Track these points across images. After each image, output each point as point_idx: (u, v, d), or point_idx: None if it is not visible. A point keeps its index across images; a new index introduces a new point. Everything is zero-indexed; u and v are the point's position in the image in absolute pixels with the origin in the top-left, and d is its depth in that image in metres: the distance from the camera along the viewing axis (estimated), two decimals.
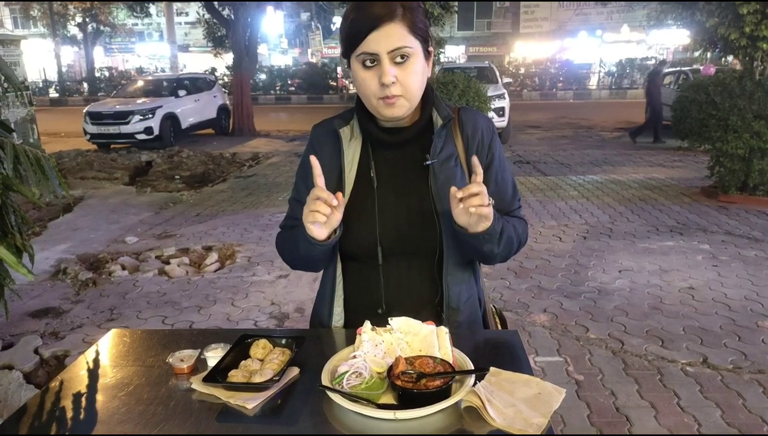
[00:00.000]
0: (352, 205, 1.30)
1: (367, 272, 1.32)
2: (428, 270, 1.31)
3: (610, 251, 4.94)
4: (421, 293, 1.33)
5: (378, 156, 1.32)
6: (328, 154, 1.34)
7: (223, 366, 1.15)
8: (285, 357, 1.19)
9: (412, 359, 1.10)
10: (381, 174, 1.31)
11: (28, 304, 4.03)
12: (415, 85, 1.23)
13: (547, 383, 1.07)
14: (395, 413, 0.98)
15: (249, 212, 6.55)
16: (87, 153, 10.93)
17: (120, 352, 1.31)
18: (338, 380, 1.08)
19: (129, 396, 1.10)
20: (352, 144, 1.34)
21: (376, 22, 1.16)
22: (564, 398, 1.02)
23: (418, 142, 1.31)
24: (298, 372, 1.15)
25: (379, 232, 1.28)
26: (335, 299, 1.36)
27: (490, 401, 1.00)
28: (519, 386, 1.07)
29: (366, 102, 1.26)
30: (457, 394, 1.02)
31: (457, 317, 1.33)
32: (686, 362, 3.13)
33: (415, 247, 1.29)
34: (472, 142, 1.33)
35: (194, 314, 3.85)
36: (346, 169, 1.32)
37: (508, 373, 1.11)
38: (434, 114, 1.32)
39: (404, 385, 1.03)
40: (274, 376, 1.10)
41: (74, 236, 5.70)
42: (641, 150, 10.49)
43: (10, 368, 3.13)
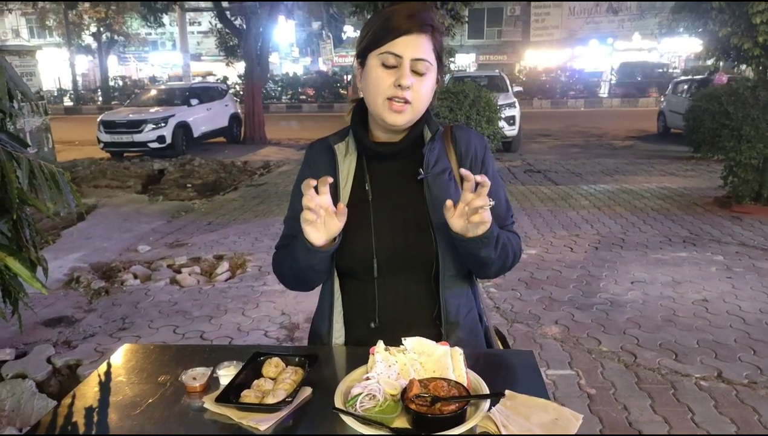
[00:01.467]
0: (348, 218, 1.30)
1: (363, 286, 1.32)
2: (425, 283, 1.31)
3: (622, 261, 4.90)
4: (418, 306, 1.32)
5: (373, 170, 1.34)
6: (323, 170, 1.35)
7: (236, 385, 1.15)
8: (297, 377, 1.19)
9: (427, 382, 1.10)
10: (376, 187, 1.32)
11: (42, 313, 4.06)
12: (425, 99, 1.26)
13: (565, 408, 1.06)
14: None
15: (260, 221, 6.58)
16: (100, 161, 11.04)
17: (132, 368, 1.32)
18: (351, 402, 1.07)
19: (142, 415, 1.10)
20: (347, 159, 1.35)
21: (410, 29, 1.21)
22: (581, 423, 1.01)
23: (411, 156, 1.32)
24: (311, 392, 1.15)
25: (375, 245, 1.29)
26: (334, 316, 1.36)
27: (505, 427, 0.99)
28: (535, 410, 1.06)
29: (371, 102, 1.27)
30: (473, 419, 1.01)
31: (456, 331, 1.32)
32: (700, 376, 3.09)
33: (411, 260, 1.29)
34: (465, 158, 1.34)
35: (205, 324, 3.87)
36: (341, 183, 1.33)
37: (524, 397, 1.10)
38: (425, 129, 1.34)
39: (419, 409, 1.02)
40: (287, 397, 1.10)
41: (87, 244, 5.75)
42: (653, 159, 10.42)
43: (23, 377, 3.16)
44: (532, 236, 5.71)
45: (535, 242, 5.51)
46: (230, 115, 14.55)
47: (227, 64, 18.15)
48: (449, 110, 6.92)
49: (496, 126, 7.40)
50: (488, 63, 31.04)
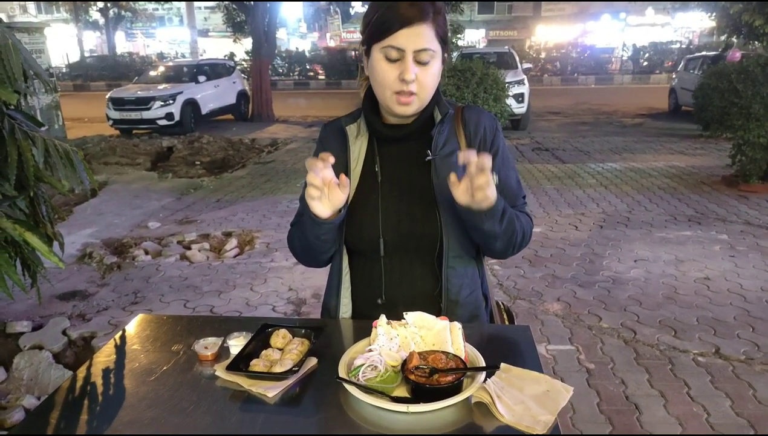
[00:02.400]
0: (357, 199, 1.37)
1: (370, 264, 1.38)
2: (429, 263, 1.36)
3: (626, 240, 4.94)
4: (421, 284, 1.38)
5: (383, 152, 1.38)
6: (335, 151, 1.40)
7: (246, 355, 1.22)
8: (304, 347, 1.26)
9: (426, 354, 1.16)
10: (385, 169, 1.37)
11: (57, 287, 4.17)
12: (431, 87, 1.29)
13: (556, 380, 1.12)
14: (408, 406, 1.04)
15: (268, 198, 6.65)
16: (110, 139, 11.12)
17: (147, 337, 1.39)
18: (354, 372, 1.14)
19: (156, 382, 1.18)
20: (358, 140, 1.40)
21: (410, 20, 1.21)
22: (572, 395, 1.08)
23: (421, 138, 1.36)
24: (316, 362, 1.22)
25: (381, 225, 1.34)
26: (342, 291, 1.43)
27: (499, 397, 1.06)
28: (528, 383, 1.12)
29: (379, 94, 1.30)
30: (468, 390, 1.08)
31: (456, 309, 1.37)
32: (698, 352, 3.15)
33: (416, 240, 1.34)
34: (474, 139, 1.37)
35: (215, 299, 3.96)
36: (352, 164, 1.38)
37: (518, 370, 1.16)
38: (435, 111, 1.37)
39: (417, 379, 1.09)
40: (294, 366, 1.17)
41: (99, 220, 5.85)
42: (662, 137, 10.35)
43: (40, 348, 3.27)
44: (538, 214, 5.75)
45: (540, 220, 5.55)
46: (238, 92, 14.54)
47: (234, 40, 18.06)
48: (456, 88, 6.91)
49: (503, 104, 7.39)
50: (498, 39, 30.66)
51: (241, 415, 1.09)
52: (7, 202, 1.66)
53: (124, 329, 1.43)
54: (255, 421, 1.07)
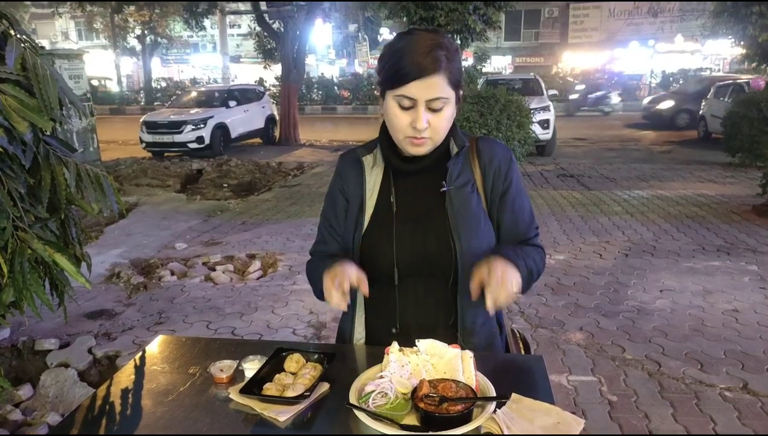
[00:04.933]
0: (372, 228, 1.40)
1: (385, 292, 1.39)
2: (443, 292, 1.38)
3: (652, 269, 4.85)
4: (435, 314, 1.40)
5: (398, 183, 1.41)
6: (352, 181, 1.44)
7: (259, 378, 1.25)
8: (316, 372, 1.28)
9: (436, 382, 1.17)
10: (400, 200, 1.40)
11: (84, 306, 4.28)
12: (444, 130, 1.32)
13: (567, 413, 1.12)
14: (417, 434, 1.06)
15: (292, 222, 6.73)
16: (142, 161, 11.42)
17: (166, 358, 1.43)
18: (365, 398, 1.16)
19: (173, 402, 1.21)
20: (374, 171, 1.43)
21: (422, 73, 1.23)
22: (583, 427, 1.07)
23: (436, 169, 1.38)
24: (328, 388, 1.24)
25: (396, 254, 1.36)
26: (356, 319, 1.45)
27: (509, 428, 1.06)
28: (539, 414, 1.12)
29: (393, 135, 1.34)
30: (478, 419, 1.08)
31: (471, 338, 1.38)
32: (725, 386, 3.07)
33: (431, 269, 1.37)
34: (488, 170, 1.40)
35: (236, 321, 4.01)
36: (367, 194, 1.41)
37: (529, 400, 1.16)
38: (451, 143, 1.40)
39: (427, 408, 1.10)
40: (306, 391, 1.19)
41: (128, 241, 6.00)
42: (692, 164, 10.18)
43: (66, 366, 3.35)
44: (561, 241, 5.70)
45: (564, 247, 5.50)
46: (267, 116, 14.84)
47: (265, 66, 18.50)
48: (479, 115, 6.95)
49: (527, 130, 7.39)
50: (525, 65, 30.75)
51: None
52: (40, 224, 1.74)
53: (144, 350, 1.48)
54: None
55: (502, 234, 1.41)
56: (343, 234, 1.46)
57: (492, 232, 1.40)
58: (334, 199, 1.49)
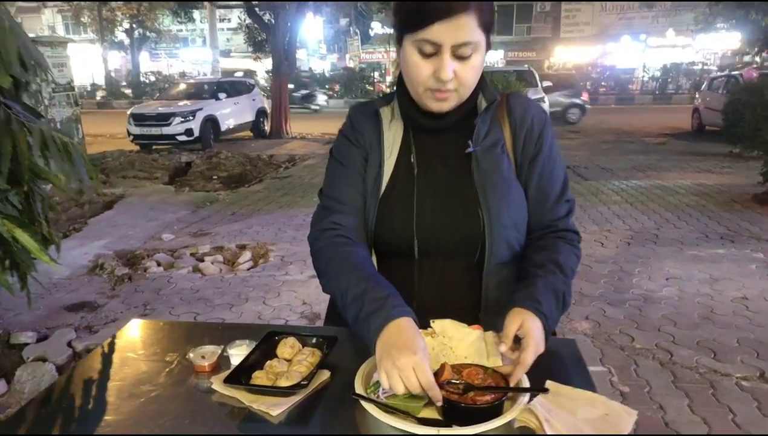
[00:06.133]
0: (391, 192, 1.21)
1: (401, 267, 1.21)
2: (467, 269, 1.20)
3: (656, 257, 4.71)
4: (457, 294, 1.21)
5: (419, 141, 1.22)
6: (368, 136, 1.25)
7: (248, 366, 1.07)
8: (315, 359, 1.10)
9: (460, 368, 1.00)
10: (421, 160, 1.21)
11: (65, 298, 4.07)
12: (472, 81, 1.13)
13: (615, 402, 0.95)
14: (439, 430, 0.88)
15: (284, 212, 6.54)
16: (129, 153, 11.16)
17: (139, 344, 1.25)
18: (373, 388, 0.98)
19: (145, 394, 1.03)
20: (392, 126, 1.24)
21: (448, 12, 1.03)
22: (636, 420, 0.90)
23: (462, 127, 1.20)
24: (329, 376, 1.07)
25: (416, 224, 1.18)
26: None
27: (548, 422, 0.89)
28: (581, 405, 0.95)
29: (412, 89, 1.16)
30: (512, 411, 0.91)
31: (496, 322, 1.18)
32: (741, 375, 2.92)
33: (455, 242, 1.18)
34: (520, 130, 1.21)
35: (226, 312, 3.82)
36: (386, 153, 1.23)
37: (567, 389, 0.99)
38: (480, 98, 1.21)
39: (449, 396, 0.92)
40: (302, 380, 1.01)
41: (113, 232, 5.78)
42: (687, 155, 10.09)
43: (44, 360, 3.14)
44: None
45: None
46: (257, 109, 14.60)
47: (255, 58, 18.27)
48: None
49: None
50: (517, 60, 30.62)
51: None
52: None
53: (114, 336, 1.29)
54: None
55: (529, 206, 1.23)
56: (362, 183, 1.24)
57: (524, 202, 1.22)
58: (348, 151, 1.26)
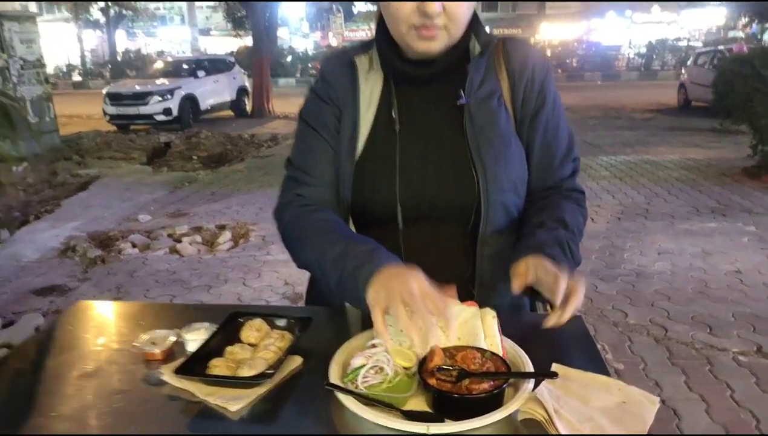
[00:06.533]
0: (369, 154, 1.04)
1: (384, 238, 1.03)
2: (460, 238, 1.05)
3: (647, 232, 4.62)
4: (449, 267, 1.05)
5: (402, 94, 1.05)
6: (342, 90, 1.08)
7: (205, 353, 0.91)
8: (284, 343, 0.95)
9: (453, 351, 0.85)
10: (404, 116, 1.04)
11: (34, 281, 3.88)
12: (463, 17, 0.97)
13: (633, 387, 0.81)
14: (429, 426, 0.73)
15: (265, 191, 6.34)
16: (106, 134, 10.84)
17: (83, 329, 1.08)
18: (351, 376, 0.83)
19: (85, 388, 0.87)
20: (370, 77, 1.07)
21: None
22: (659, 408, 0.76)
23: (452, 76, 1.03)
24: (301, 363, 0.91)
25: (399, 188, 1.02)
26: None
27: (558, 413, 0.74)
28: (595, 391, 0.80)
29: (393, 29, 0.99)
30: (514, 401, 0.76)
31: (491, 297, 1.05)
32: (738, 350, 2.83)
33: (445, 209, 1.03)
34: (519, 80, 1.05)
35: (203, 294, 3.66)
36: (363, 108, 1.06)
37: (577, 372, 0.84)
38: (472, 42, 1.05)
39: (441, 386, 0.78)
40: (268, 368, 0.85)
41: (86, 213, 5.55)
42: (675, 131, 10.02)
43: (9, 346, 2.96)
44: None
45: None
46: (238, 88, 14.25)
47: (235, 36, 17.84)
48: None
49: None
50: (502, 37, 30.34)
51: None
52: None
53: (55, 320, 1.12)
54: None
55: (531, 167, 1.08)
56: (335, 147, 1.08)
57: (524, 161, 1.06)
58: (318, 111, 1.10)
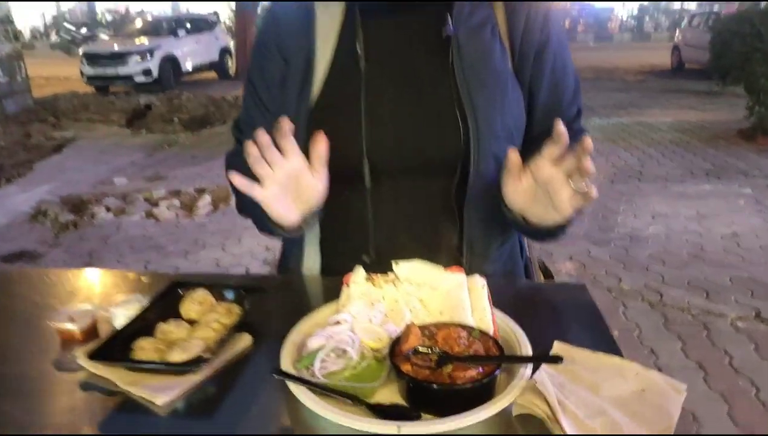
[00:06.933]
0: (327, 98, 0.86)
1: (349, 199, 0.88)
2: (443, 197, 0.88)
3: (641, 195, 4.49)
4: (430, 230, 0.90)
5: (369, 25, 0.86)
6: (293, 25, 0.89)
7: (133, 331, 0.75)
8: (230, 319, 0.79)
9: (433, 329, 0.69)
10: (372, 49, 0.85)
11: (2, 247, 3.69)
12: None
13: (654, 372, 0.65)
14: (400, 425, 0.58)
15: None
16: (83, 95, 10.45)
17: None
18: (306, 361, 0.67)
19: None
20: (329, 8, 0.88)
21: None
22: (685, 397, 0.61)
23: (434, 4, 0.85)
24: (250, 344, 0.76)
25: (366, 138, 0.84)
26: (307, 242, 0.94)
27: (563, 406, 0.59)
28: (606, 377, 0.65)
29: None
30: (508, 393, 0.61)
31: (482, 266, 0.89)
32: (736, 316, 2.73)
33: (423, 161, 0.86)
34: (518, 12, 0.86)
35: (180, 260, 3.50)
36: (319, 41, 0.87)
37: (584, 353, 0.69)
38: None
39: (417, 373, 0.63)
40: (205, 351, 0.70)
41: (60, 177, 5.33)
42: (668, 93, 9.84)
43: None
44: None
45: None
46: (221, 48, 13.79)
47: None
48: None
49: None
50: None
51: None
52: None
53: None
54: None
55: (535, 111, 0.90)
56: (277, 111, 0.90)
57: (522, 103, 0.89)
58: (263, 57, 0.93)
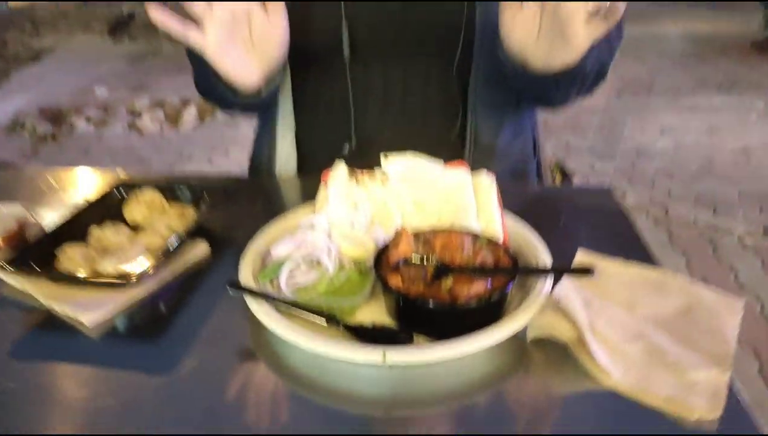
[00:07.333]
0: None
1: (328, 79, 0.74)
2: (440, 78, 0.74)
3: (649, 108, 4.29)
4: (426, 117, 0.76)
5: None
6: None
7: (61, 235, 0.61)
8: (183, 222, 0.65)
9: (430, 236, 0.56)
10: None
11: None
12: None
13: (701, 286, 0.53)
14: (386, 351, 0.45)
15: None
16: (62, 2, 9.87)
17: None
18: (271, 273, 0.54)
19: None
20: None
21: None
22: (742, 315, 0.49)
23: None
24: (208, 253, 0.63)
25: (346, 8, 0.69)
26: (279, 130, 0.80)
27: (592, 327, 0.46)
28: (643, 291, 0.52)
29: None
30: (522, 312, 0.49)
31: (489, 162, 0.76)
32: (744, 232, 2.63)
33: (416, 33, 0.71)
34: None
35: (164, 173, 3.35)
36: None
37: (615, 264, 0.56)
38: None
39: (409, 289, 0.50)
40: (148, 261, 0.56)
41: (38, 87, 5.06)
42: (679, 2, 9.32)
43: None
44: None
45: None
46: None
47: None
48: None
49: None
50: None
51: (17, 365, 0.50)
52: None
53: None
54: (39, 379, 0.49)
55: None
56: None
57: None
58: None
